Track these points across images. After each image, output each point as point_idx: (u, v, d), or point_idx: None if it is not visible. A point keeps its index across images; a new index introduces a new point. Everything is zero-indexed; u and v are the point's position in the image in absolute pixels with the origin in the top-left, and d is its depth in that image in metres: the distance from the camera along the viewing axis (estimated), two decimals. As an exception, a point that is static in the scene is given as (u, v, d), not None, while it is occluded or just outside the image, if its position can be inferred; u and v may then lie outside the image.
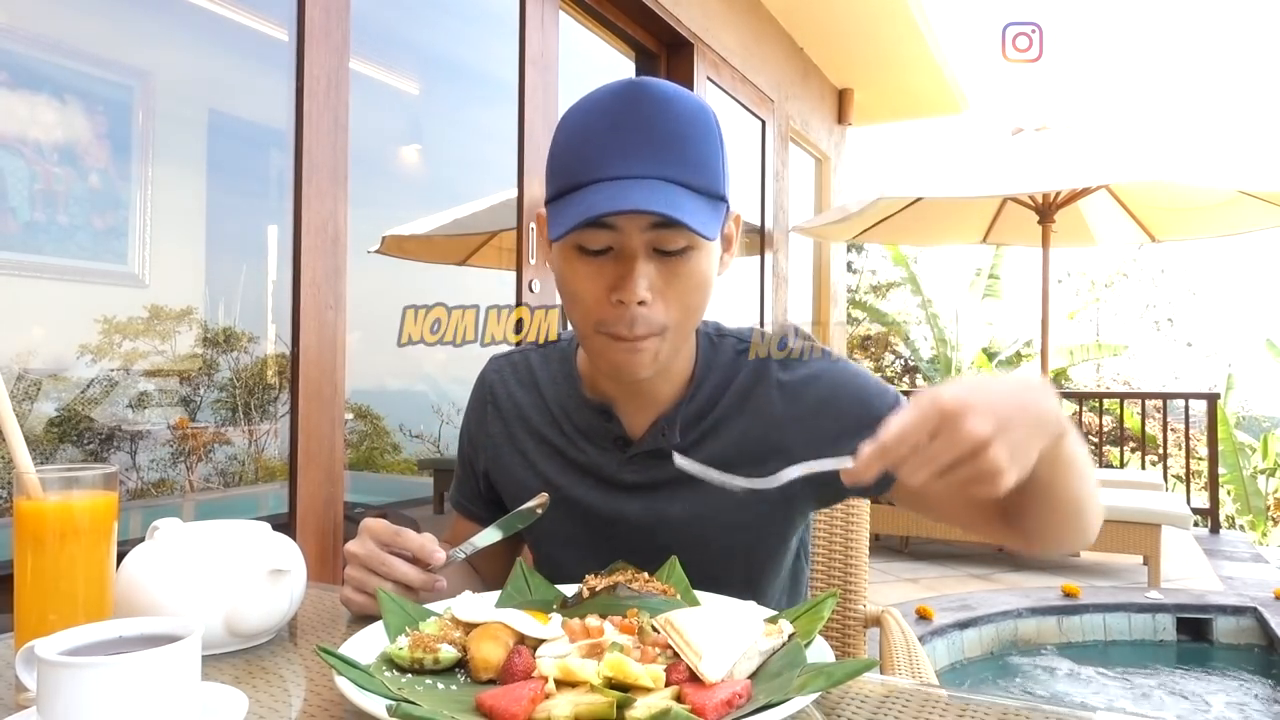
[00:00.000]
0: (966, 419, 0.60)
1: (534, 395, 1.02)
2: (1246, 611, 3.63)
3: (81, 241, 1.93)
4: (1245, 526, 7.73)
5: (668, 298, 0.83)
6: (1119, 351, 10.74)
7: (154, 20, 2.16)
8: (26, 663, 0.62)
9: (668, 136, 0.80)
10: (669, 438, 0.93)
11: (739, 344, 0.97)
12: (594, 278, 0.83)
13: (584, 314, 0.85)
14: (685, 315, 0.85)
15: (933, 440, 0.61)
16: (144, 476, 2.16)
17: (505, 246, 3.29)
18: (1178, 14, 42.73)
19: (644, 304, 0.82)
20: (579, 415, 0.98)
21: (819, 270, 6.57)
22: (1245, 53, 41.07)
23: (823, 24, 5.27)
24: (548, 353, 1.05)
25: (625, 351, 0.84)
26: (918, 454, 0.61)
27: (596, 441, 0.96)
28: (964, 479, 0.61)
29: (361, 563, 0.84)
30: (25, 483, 0.69)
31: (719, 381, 0.95)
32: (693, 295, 0.85)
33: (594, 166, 0.80)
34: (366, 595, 0.83)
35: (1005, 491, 0.62)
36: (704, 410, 0.94)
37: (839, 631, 1.26)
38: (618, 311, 0.82)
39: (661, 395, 0.94)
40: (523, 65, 2.94)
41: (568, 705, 0.58)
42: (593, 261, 0.83)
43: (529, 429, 1.01)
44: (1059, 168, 4.65)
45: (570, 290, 0.86)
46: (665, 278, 0.83)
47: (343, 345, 2.17)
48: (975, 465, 0.61)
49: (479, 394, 1.07)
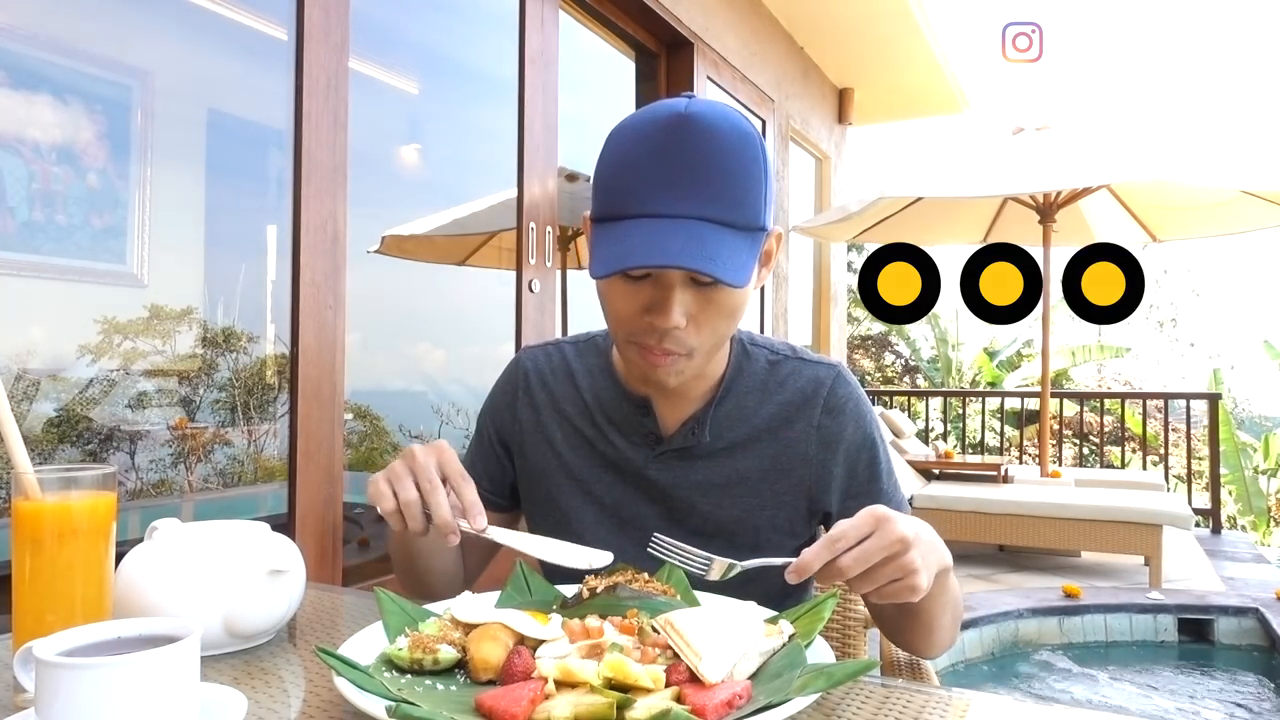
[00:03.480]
0: (897, 524, 0.71)
1: (569, 386, 1.04)
2: (1248, 612, 3.62)
3: (80, 241, 1.93)
4: (1247, 527, 7.73)
5: (700, 323, 0.87)
6: (1121, 353, 10.75)
7: (153, 20, 2.16)
8: (24, 664, 0.62)
9: (711, 171, 0.82)
10: (699, 435, 0.96)
11: (771, 354, 1.01)
12: (631, 298, 0.86)
13: (618, 326, 0.90)
14: (715, 339, 0.90)
15: (869, 539, 0.70)
16: (143, 477, 2.16)
17: (505, 246, 3.29)
18: (1178, 14, 42.71)
19: (677, 329, 0.85)
20: (615, 407, 1.00)
21: (819, 270, 6.57)
22: (1246, 52, 41.06)
23: (823, 23, 5.27)
24: (582, 347, 1.07)
25: (653, 365, 0.88)
26: (856, 550, 0.70)
27: (628, 435, 0.99)
28: (889, 577, 0.70)
29: (413, 468, 0.80)
30: (24, 483, 0.69)
31: (752, 388, 0.99)
32: (725, 322, 0.89)
33: (634, 200, 0.83)
34: (394, 495, 0.80)
35: (920, 596, 0.72)
36: (734, 417, 0.97)
37: (839, 632, 1.26)
38: (648, 327, 0.86)
39: (694, 393, 0.98)
40: (522, 65, 2.94)
41: (567, 706, 0.57)
42: (632, 283, 0.86)
43: (561, 419, 1.03)
44: (1060, 167, 4.65)
45: (609, 304, 0.90)
46: (699, 304, 0.86)
47: (342, 345, 2.17)
48: (899, 564, 0.70)
49: (510, 380, 1.08)
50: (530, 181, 2.96)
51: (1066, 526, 4.33)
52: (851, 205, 5.21)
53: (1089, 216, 5.69)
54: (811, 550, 0.70)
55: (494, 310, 3.22)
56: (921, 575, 0.71)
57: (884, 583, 0.71)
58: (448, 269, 4.03)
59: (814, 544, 0.71)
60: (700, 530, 0.96)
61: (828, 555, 0.69)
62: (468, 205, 3.68)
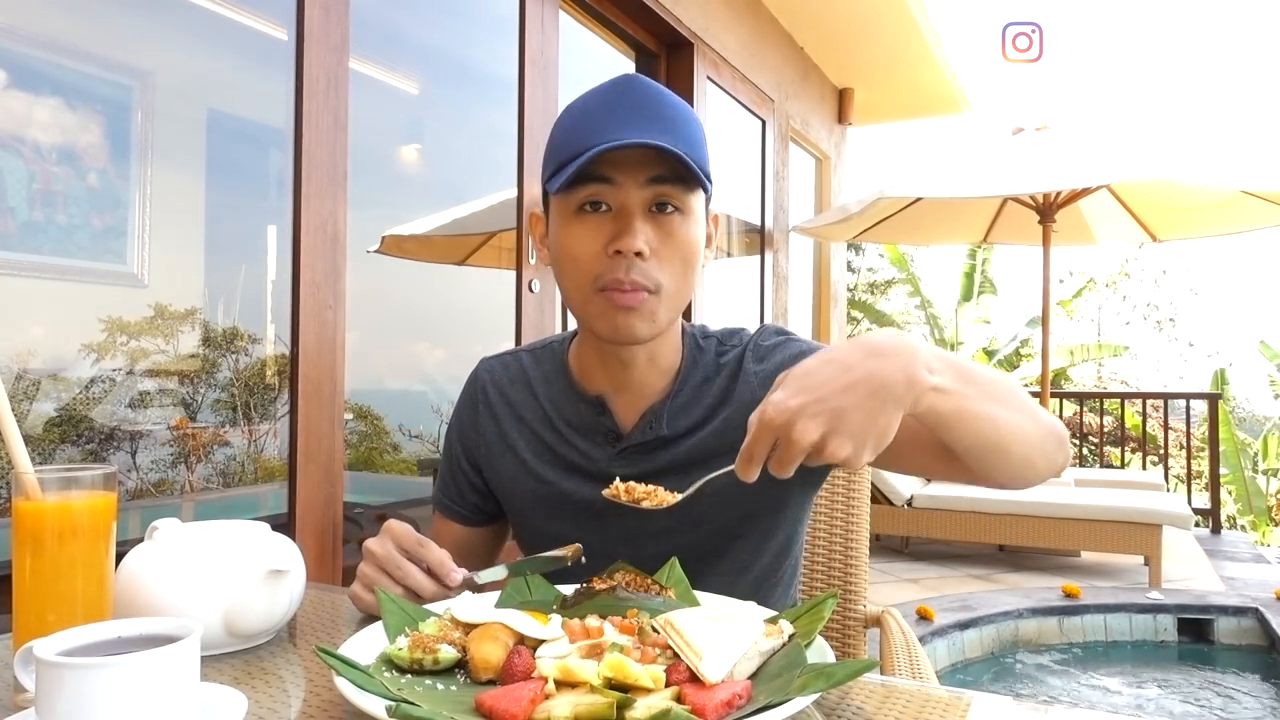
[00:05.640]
0: (794, 427, 0.65)
1: (527, 393, 1.04)
2: (1248, 612, 3.63)
3: (80, 241, 1.93)
4: (1246, 527, 7.73)
5: (662, 256, 0.88)
6: (1119, 352, 10.75)
7: (154, 20, 2.16)
8: (25, 663, 0.62)
9: (661, 115, 0.86)
10: (657, 429, 0.96)
11: (720, 345, 1.01)
12: (592, 235, 0.88)
13: (582, 272, 0.89)
14: (676, 278, 0.90)
15: (777, 445, 0.67)
16: (143, 477, 2.16)
17: (505, 246, 3.29)
18: (1178, 13, 42.70)
19: (640, 256, 0.86)
20: (572, 410, 1.00)
21: (819, 270, 6.56)
22: (1247, 52, 41.05)
23: (823, 24, 5.27)
24: (539, 353, 1.07)
25: (624, 309, 0.88)
26: (773, 457, 0.68)
27: (588, 436, 0.98)
28: (792, 454, 0.66)
29: (378, 563, 0.84)
30: (24, 483, 0.69)
31: (704, 377, 0.99)
32: (685, 259, 0.90)
33: (592, 135, 0.85)
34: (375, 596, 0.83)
35: (863, 464, 0.68)
36: (690, 404, 0.97)
37: (839, 632, 1.26)
38: (615, 261, 0.87)
39: (650, 388, 0.98)
40: (523, 65, 2.94)
41: (567, 706, 0.57)
42: (590, 220, 0.88)
43: (522, 427, 1.03)
44: (1060, 167, 4.65)
45: (569, 252, 0.90)
46: (660, 237, 0.88)
47: (342, 345, 2.17)
48: (821, 459, 0.66)
49: (470, 394, 1.09)
50: (530, 181, 2.96)
51: (1066, 526, 4.33)
52: (851, 205, 5.20)
53: (1089, 216, 5.69)
54: (738, 462, 0.69)
55: (494, 310, 3.22)
56: (856, 457, 0.66)
57: (790, 460, 0.67)
58: (448, 269, 4.04)
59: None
60: (679, 509, 0.95)
61: (752, 470, 0.69)
62: (467, 205, 3.69)
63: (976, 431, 0.76)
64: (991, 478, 0.83)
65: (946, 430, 0.76)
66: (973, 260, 10.50)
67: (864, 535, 1.28)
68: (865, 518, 1.29)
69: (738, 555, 0.98)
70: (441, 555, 0.84)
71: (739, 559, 0.98)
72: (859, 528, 1.28)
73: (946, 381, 0.71)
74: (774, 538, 1.00)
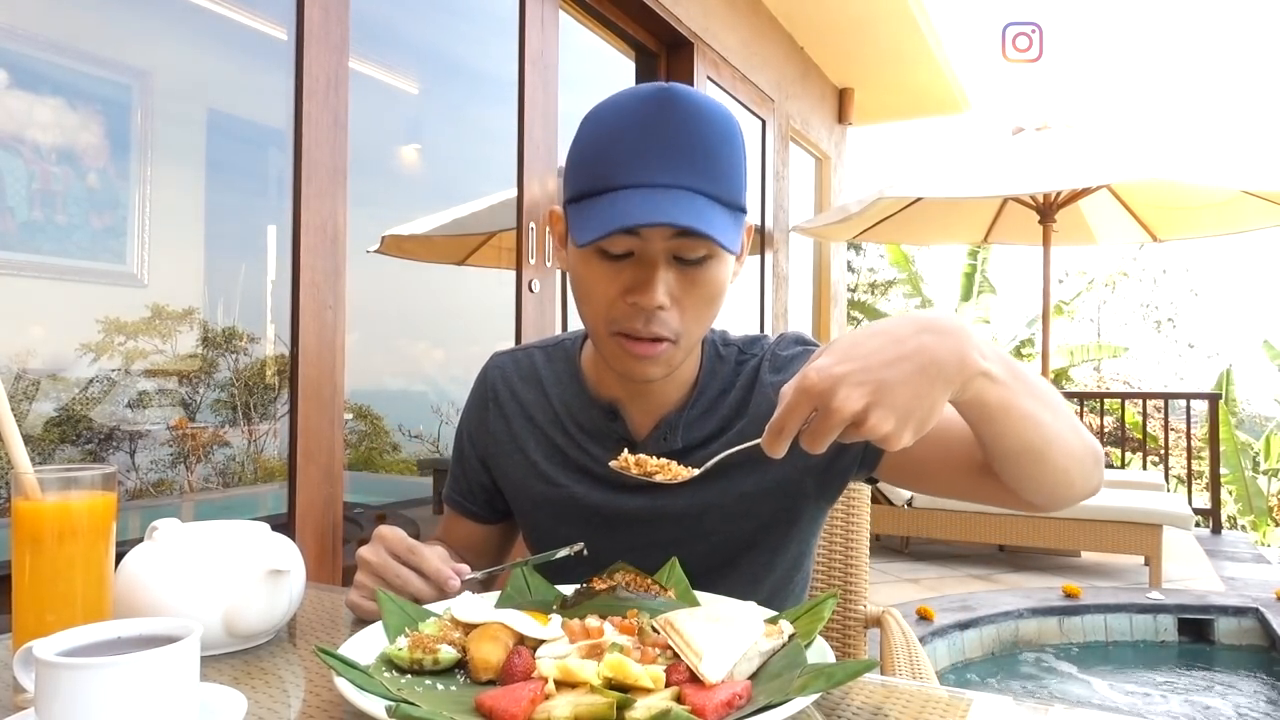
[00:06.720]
0: (835, 395, 0.61)
1: (538, 393, 1.02)
2: (1248, 612, 3.62)
3: (80, 241, 1.93)
4: (1247, 527, 7.73)
5: (684, 305, 0.84)
6: (1119, 352, 10.75)
7: (153, 20, 2.16)
8: (24, 664, 0.62)
9: (696, 146, 0.80)
10: (671, 441, 0.93)
11: (740, 354, 0.98)
12: (611, 280, 0.84)
13: (597, 314, 0.86)
14: (698, 323, 0.87)
15: (814, 416, 0.63)
16: (143, 477, 2.16)
17: (505, 246, 3.29)
18: (1178, 13, 42.70)
19: (661, 309, 0.83)
20: (584, 414, 0.98)
21: (819, 270, 6.56)
22: (1247, 52, 41.05)
23: (823, 23, 5.26)
24: (551, 351, 1.05)
25: (638, 358, 0.85)
26: (806, 429, 0.64)
27: (600, 441, 0.96)
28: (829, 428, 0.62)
29: (374, 570, 0.83)
30: (23, 483, 0.69)
31: (721, 388, 0.96)
32: (708, 305, 0.86)
33: (622, 171, 0.80)
34: (374, 603, 0.82)
35: (905, 446, 0.63)
36: (706, 416, 0.95)
37: (839, 632, 1.26)
38: (632, 311, 0.83)
39: (667, 398, 0.95)
40: (522, 65, 2.94)
41: (567, 706, 0.57)
42: (612, 264, 0.83)
43: (532, 427, 1.01)
44: (1060, 167, 4.65)
45: (586, 290, 0.86)
46: (683, 285, 0.83)
47: (342, 345, 2.17)
48: (860, 433, 0.62)
49: (480, 391, 1.07)
50: (530, 181, 2.96)
51: (1066, 526, 4.33)
52: (851, 205, 5.20)
53: (1089, 216, 5.69)
54: (767, 433, 0.65)
55: (494, 310, 3.22)
56: (898, 436, 0.62)
57: (826, 432, 0.63)
58: (447, 269, 4.04)
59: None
60: (689, 511, 0.93)
61: (782, 442, 0.65)
62: (467, 205, 3.69)
63: (1019, 431, 0.72)
64: (1025, 491, 0.80)
65: (989, 424, 0.71)
66: (973, 260, 10.49)
67: (864, 535, 1.28)
68: (865, 517, 1.28)
69: (749, 568, 0.96)
70: (436, 563, 0.83)
71: (750, 571, 0.96)
72: (859, 527, 1.28)
73: (997, 370, 0.67)
74: (786, 551, 0.99)
